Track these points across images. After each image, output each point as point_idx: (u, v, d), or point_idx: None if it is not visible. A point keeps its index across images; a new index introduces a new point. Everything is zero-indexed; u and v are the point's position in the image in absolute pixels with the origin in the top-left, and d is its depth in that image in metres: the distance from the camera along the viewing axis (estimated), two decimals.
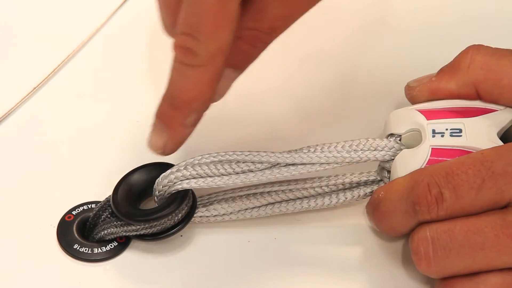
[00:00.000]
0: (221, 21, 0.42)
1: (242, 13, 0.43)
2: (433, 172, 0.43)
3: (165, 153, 0.46)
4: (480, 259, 0.42)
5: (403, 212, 0.44)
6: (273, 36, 0.46)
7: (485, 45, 0.48)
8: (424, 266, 0.43)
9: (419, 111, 0.47)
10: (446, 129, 0.46)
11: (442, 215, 0.43)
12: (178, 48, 0.43)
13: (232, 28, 0.42)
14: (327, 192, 0.48)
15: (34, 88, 0.56)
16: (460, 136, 0.46)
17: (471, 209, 0.43)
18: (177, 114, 0.44)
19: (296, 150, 0.46)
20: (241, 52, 0.46)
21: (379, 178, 0.48)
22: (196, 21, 0.42)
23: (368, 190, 0.48)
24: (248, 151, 0.46)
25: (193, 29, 0.42)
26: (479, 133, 0.46)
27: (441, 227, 0.43)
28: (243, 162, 0.46)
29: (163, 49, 0.48)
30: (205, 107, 0.45)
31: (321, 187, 0.48)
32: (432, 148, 0.45)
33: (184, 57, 0.43)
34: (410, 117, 0.47)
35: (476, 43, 0.48)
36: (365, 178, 0.48)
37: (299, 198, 0.48)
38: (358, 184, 0.48)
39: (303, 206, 0.48)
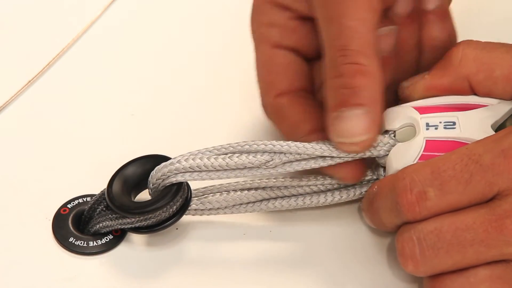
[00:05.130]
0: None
1: None
2: (416, 170, 0.43)
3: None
4: (470, 255, 0.42)
5: (389, 210, 0.44)
6: None
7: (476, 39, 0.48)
8: (411, 267, 0.42)
9: (413, 107, 0.47)
10: (440, 122, 0.46)
11: (425, 215, 0.42)
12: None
13: None
14: (322, 191, 0.48)
15: (29, 81, 0.56)
16: (454, 128, 0.46)
17: (458, 204, 0.42)
18: None
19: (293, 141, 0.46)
20: None
21: (375, 177, 0.48)
22: None
23: (364, 189, 0.47)
24: (244, 142, 0.46)
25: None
26: (473, 125, 0.46)
27: (427, 227, 0.42)
28: (237, 157, 0.46)
29: (157, 43, 0.48)
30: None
31: (317, 185, 0.48)
32: (426, 140, 0.45)
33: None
34: (404, 113, 0.47)
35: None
36: None
37: (294, 195, 0.48)
38: (354, 184, 0.48)
39: (298, 204, 0.47)
